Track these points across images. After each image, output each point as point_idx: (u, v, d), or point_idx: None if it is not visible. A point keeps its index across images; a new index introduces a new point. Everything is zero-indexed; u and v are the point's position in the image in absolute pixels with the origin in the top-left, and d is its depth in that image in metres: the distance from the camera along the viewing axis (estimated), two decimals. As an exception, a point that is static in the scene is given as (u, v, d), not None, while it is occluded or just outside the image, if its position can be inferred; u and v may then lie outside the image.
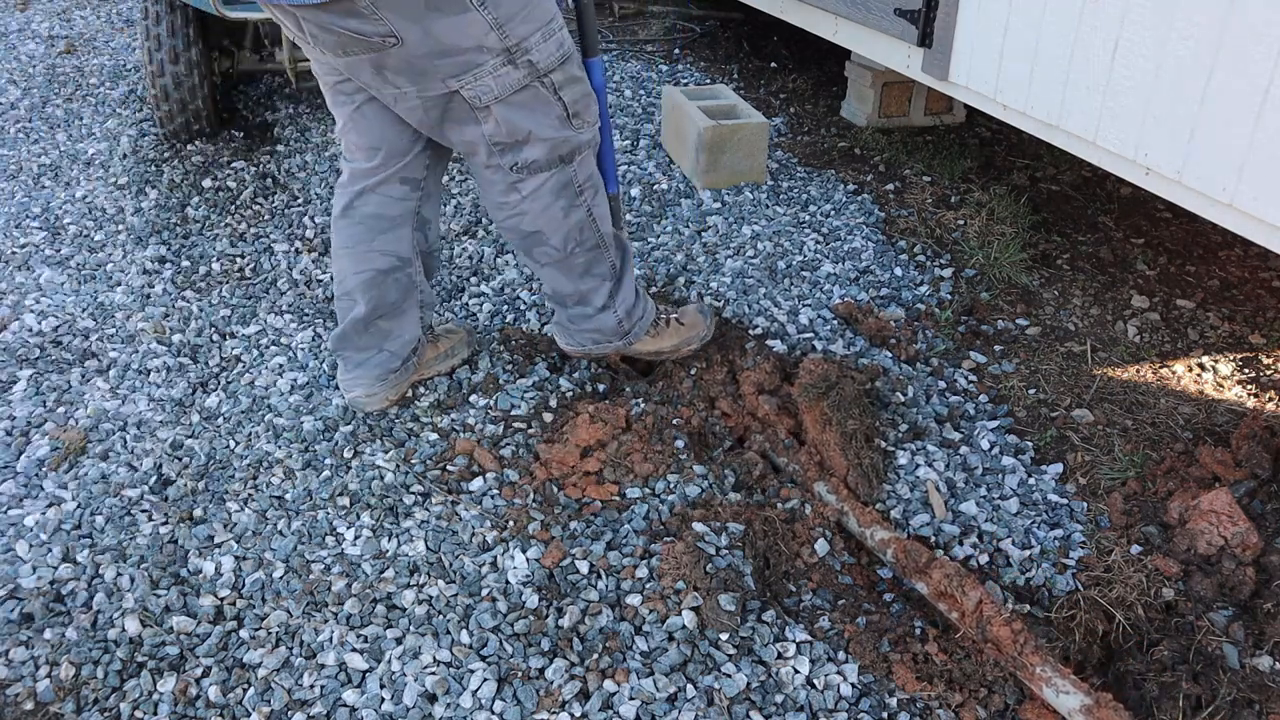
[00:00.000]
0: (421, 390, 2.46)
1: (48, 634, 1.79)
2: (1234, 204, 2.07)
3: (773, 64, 5.07)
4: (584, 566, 1.92)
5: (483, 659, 1.74)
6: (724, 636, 1.77)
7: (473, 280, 2.98)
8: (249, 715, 1.66)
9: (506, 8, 1.80)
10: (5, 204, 3.51)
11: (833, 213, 3.36)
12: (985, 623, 1.75)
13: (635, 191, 3.50)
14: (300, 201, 3.52)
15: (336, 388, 2.48)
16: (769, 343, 2.60)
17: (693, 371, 2.46)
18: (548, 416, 2.34)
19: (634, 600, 1.84)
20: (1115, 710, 1.59)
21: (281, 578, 1.91)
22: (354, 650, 1.76)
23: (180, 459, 2.24)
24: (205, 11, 3.52)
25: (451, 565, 1.94)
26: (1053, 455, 2.30)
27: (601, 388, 2.46)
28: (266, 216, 3.43)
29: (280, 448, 2.27)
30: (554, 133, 1.98)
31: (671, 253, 3.07)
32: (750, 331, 2.66)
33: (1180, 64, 2.13)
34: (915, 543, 1.96)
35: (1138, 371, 2.56)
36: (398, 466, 2.19)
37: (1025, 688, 1.71)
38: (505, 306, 2.83)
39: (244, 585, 1.91)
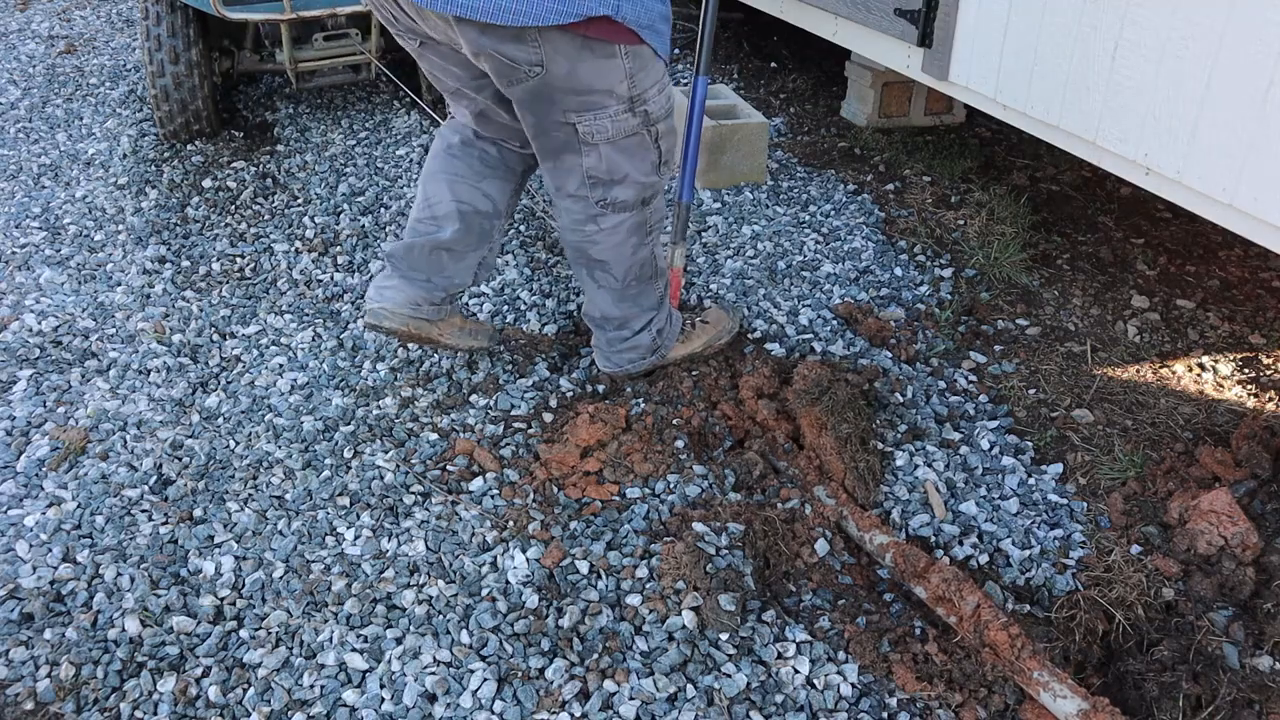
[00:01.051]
0: (421, 390, 2.46)
1: (48, 634, 1.79)
2: (1234, 204, 2.07)
3: (773, 64, 5.07)
4: (584, 566, 1.92)
5: (483, 659, 1.74)
6: (724, 636, 1.77)
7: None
8: (249, 715, 1.66)
9: (638, 60, 1.95)
10: (5, 204, 3.51)
11: (833, 213, 3.36)
12: (983, 627, 1.74)
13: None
14: (300, 201, 3.52)
15: (337, 387, 2.48)
16: (768, 346, 2.60)
17: (694, 373, 2.46)
18: (548, 417, 2.35)
19: (634, 600, 1.84)
20: (1112, 715, 1.59)
21: (281, 578, 1.91)
22: (354, 650, 1.76)
23: (180, 459, 2.24)
24: (205, 12, 3.52)
25: (451, 565, 1.94)
26: (1053, 455, 2.30)
27: (601, 388, 2.46)
28: (266, 216, 3.43)
29: (280, 448, 2.27)
30: (645, 177, 2.12)
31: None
32: (749, 335, 2.66)
33: (1181, 63, 2.13)
34: (913, 547, 1.96)
35: (1138, 371, 2.56)
36: (398, 466, 2.19)
37: (1025, 689, 1.71)
38: (505, 306, 2.83)
39: (244, 585, 1.91)
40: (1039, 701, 1.67)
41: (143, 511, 2.08)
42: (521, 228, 3.28)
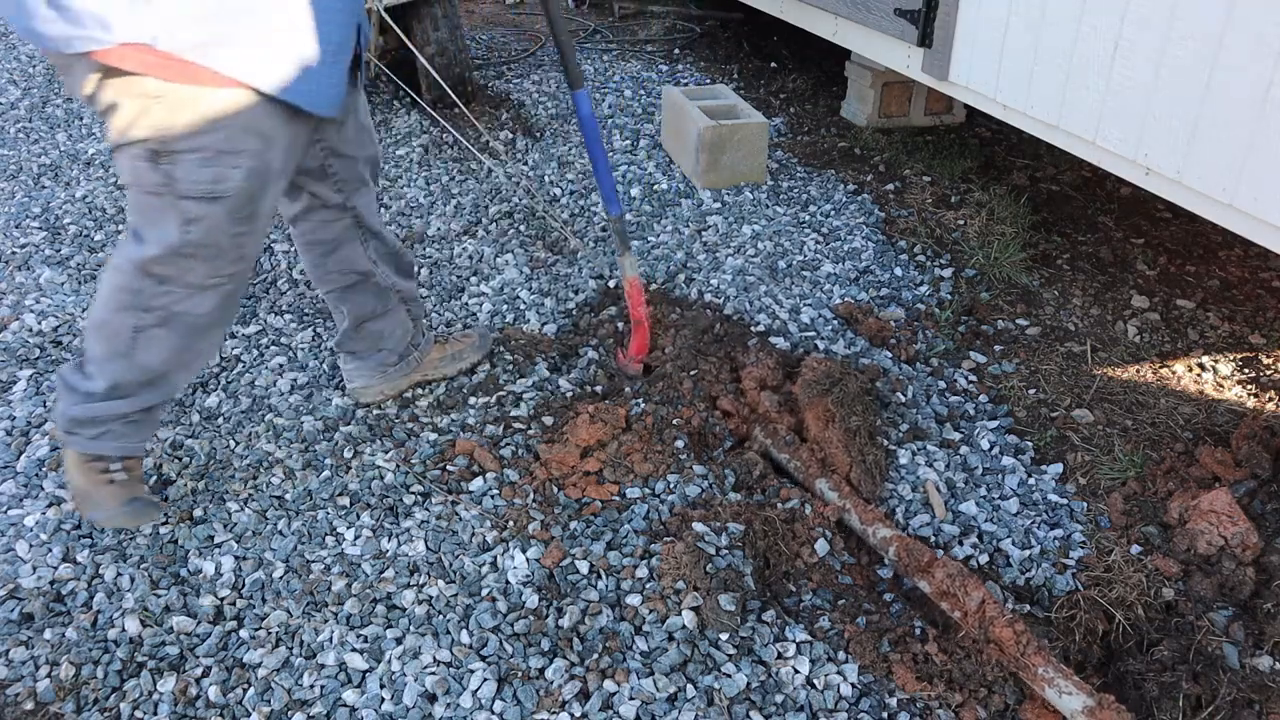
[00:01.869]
0: (421, 390, 2.46)
1: (48, 634, 1.79)
2: (1234, 204, 2.07)
3: (773, 64, 5.07)
4: (584, 566, 1.92)
5: (483, 659, 1.74)
6: (724, 636, 1.77)
7: (472, 280, 2.98)
8: (249, 715, 1.66)
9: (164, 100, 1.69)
10: (5, 204, 3.51)
11: (833, 213, 3.36)
12: (988, 623, 1.74)
13: (635, 191, 3.50)
14: (300, 201, 3.51)
15: (337, 387, 2.48)
16: (772, 339, 2.60)
17: (693, 372, 2.46)
18: (548, 418, 2.34)
19: (634, 600, 1.84)
20: (1117, 712, 1.59)
21: (281, 578, 1.91)
22: (354, 650, 1.76)
23: (180, 459, 2.24)
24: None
25: (451, 565, 1.94)
26: (1053, 455, 2.30)
27: (599, 388, 2.46)
28: (266, 216, 3.43)
29: (280, 448, 2.27)
30: (157, 249, 1.80)
31: (672, 250, 3.07)
32: (752, 328, 2.66)
33: (1180, 64, 2.13)
34: (917, 541, 1.96)
35: (1138, 371, 2.56)
36: (398, 466, 2.19)
37: (1027, 688, 1.71)
38: (505, 306, 2.83)
39: (244, 585, 1.91)
40: (1044, 698, 1.67)
41: (143, 511, 2.09)
42: (521, 227, 3.28)
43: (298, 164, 1.88)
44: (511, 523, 2.02)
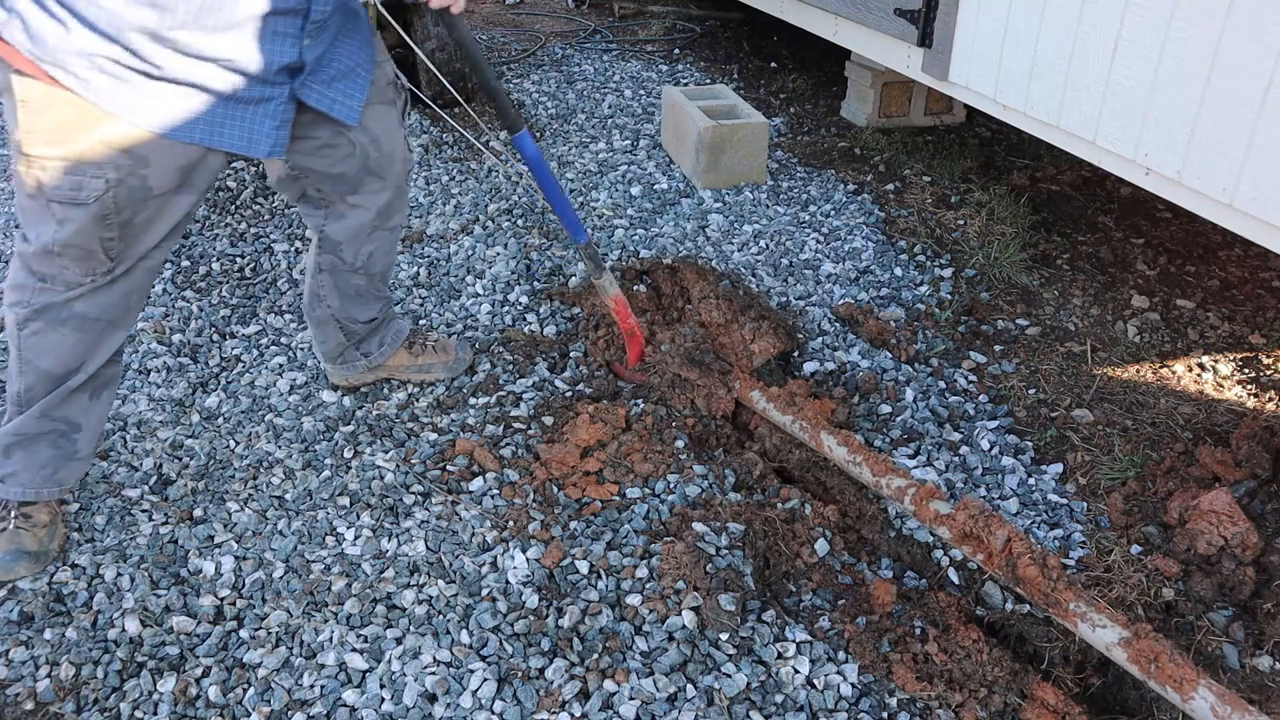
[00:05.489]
0: (421, 390, 2.46)
1: (48, 634, 1.79)
2: (1234, 204, 2.07)
3: (773, 64, 5.07)
4: (584, 566, 1.92)
5: (483, 659, 1.74)
6: (724, 636, 1.77)
7: (469, 280, 2.98)
8: (249, 715, 1.66)
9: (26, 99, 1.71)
10: (5, 204, 3.51)
11: (833, 213, 3.36)
12: (1014, 560, 1.69)
13: (635, 190, 3.50)
14: (300, 201, 3.51)
15: (336, 387, 2.48)
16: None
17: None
18: (548, 418, 2.35)
19: (634, 600, 1.84)
20: (1156, 640, 1.56)
21: (281, 578, 1.91)
22: (354, 650, 1.76)
23: (180, 459, 2.24)
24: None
25: (451, 565, 1.94)
26: (1053, 455, 2.30)
27: (586, 389, 2.46)
28: (266, 216, 3.43)
29: (280, 448, 2.27)
30: (33, 261, 1.82)
31: (678, 242, 3.07)
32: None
33: (1180, 63, 2.13)
34: (933, 488, 1.93)
35: (1138, 371, 2.56)
36: (398, 466, 2.19)
37: (1028, 692, 1.71)
38: (505, 307, 2.83)
39: (244, 585, 1.91)
40: (1076, 633, 1.63)
41: (143, 511, 2.09)
42: (519, 221, 3.28)
43: (203, 184, 1.83)
44: (511, 523, 2.02)
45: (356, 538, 2.00)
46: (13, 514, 1.94)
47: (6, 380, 1.93)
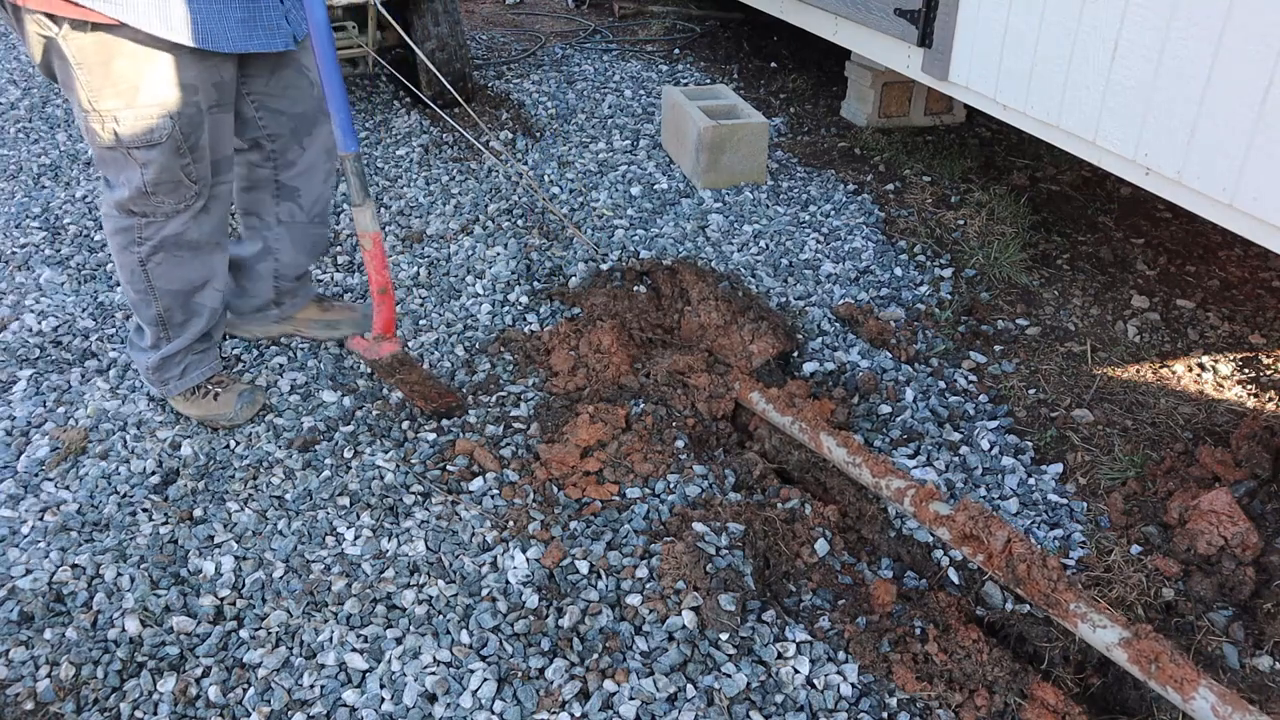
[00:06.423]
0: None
1: (48, 634, 1.79)
2: (1234, 204, 2.07)
3: (773, 64, 5.07)
4: (584, 566, 1.92)
5: (483, 659, 1.74)
6: (724, 636, 1.77)
7: (469, 280, 2.98)
8: (249, 715, 1.66)
9: (87, 52, 1.90)
10: (5, 204, 3.51)
11: (833, 213, 3.36)
12: (1015, 562, 1.70)
13: (635, 191, 3.50)
14: (300, 201, 3.51)
15: (337, 387, 2.48)
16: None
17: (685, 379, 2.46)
18: (548, 418, 2.34)
19: (634, 600, 1.84)
20: (1157, 640, 1.56)
21: (281, 578, 1.91)
22: (354, 650, 1.76)
23: (180, 459, 2.24)
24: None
25: (451, 565, 1.93)
26: (1053, 455, 2.30)
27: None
28: (266, 216, 3.43)
29: (280, 448, 2.27)
30: (127, 192, 2.04)
31: (678, 242, 3.07)
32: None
33: (1180, 63, 2.13)
34: (934, 489, 1.93)
35: (1138, 371, 2.56)
36: (398, 466, 2.19)
37: (1028, 692, 1.71)
38: (505, 307, 2.83)
39: (244, 585, 1.91)
40: (1077, 634, 1.64)
41: (143, 511, 2.08)
42: (519, 221, 3.28)
43: (229, 99, 2.04)
44: (511, 523, 2.02)
45: (356, 538, 2.00)
46: (212, 386, 2.32)
47: (134, 309, 2.21)
